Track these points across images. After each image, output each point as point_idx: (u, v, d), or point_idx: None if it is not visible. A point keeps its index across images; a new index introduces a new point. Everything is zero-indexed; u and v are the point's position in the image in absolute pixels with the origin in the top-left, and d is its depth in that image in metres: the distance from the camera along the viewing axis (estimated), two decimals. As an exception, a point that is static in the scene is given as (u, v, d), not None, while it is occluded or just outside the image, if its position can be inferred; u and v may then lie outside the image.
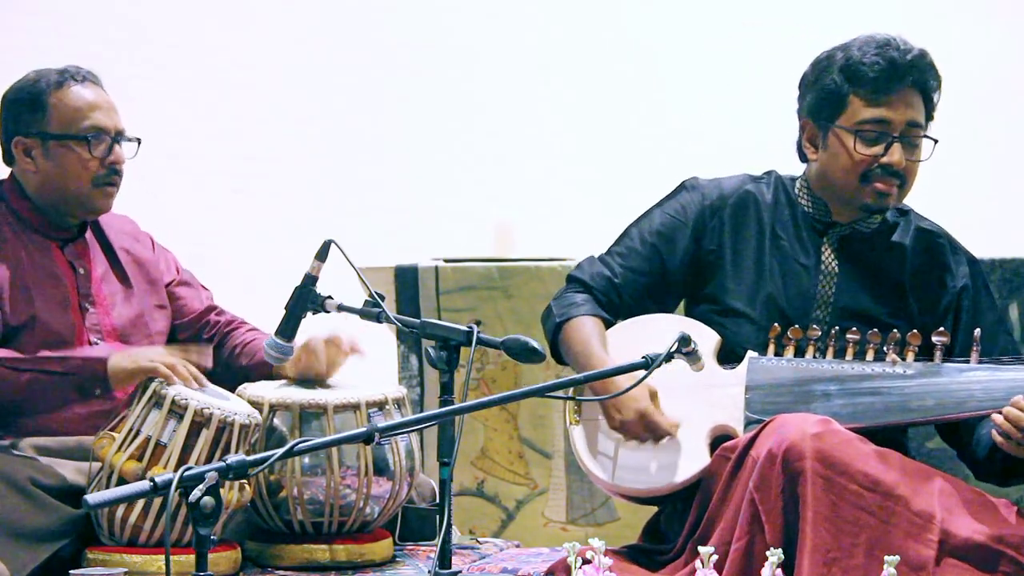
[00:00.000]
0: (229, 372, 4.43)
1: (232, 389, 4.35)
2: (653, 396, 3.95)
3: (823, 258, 4.12)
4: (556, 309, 4.14)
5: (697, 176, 4.21)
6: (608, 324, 4.12)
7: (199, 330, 4.49)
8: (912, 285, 4.12)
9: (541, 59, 6.89)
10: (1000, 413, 3.79)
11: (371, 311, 3.86)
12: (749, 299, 4.10)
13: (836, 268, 4.12)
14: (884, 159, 4.01)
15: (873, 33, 4.07)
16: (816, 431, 3.72)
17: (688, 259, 4.14)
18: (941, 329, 3.99)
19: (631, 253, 4.16)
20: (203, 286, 4.57)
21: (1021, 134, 6.58)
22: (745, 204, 4.15)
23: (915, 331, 3.98)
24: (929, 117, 4.08)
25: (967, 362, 3.93)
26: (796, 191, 4.16)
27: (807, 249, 4.13)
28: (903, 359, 3.95)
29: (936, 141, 4.06)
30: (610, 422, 3.99)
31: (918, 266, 4.13)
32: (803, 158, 4.17)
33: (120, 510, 4.02)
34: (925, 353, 3.97)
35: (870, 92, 4.02)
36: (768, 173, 4.21)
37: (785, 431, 3.73)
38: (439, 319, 4.63)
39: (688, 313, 4.19)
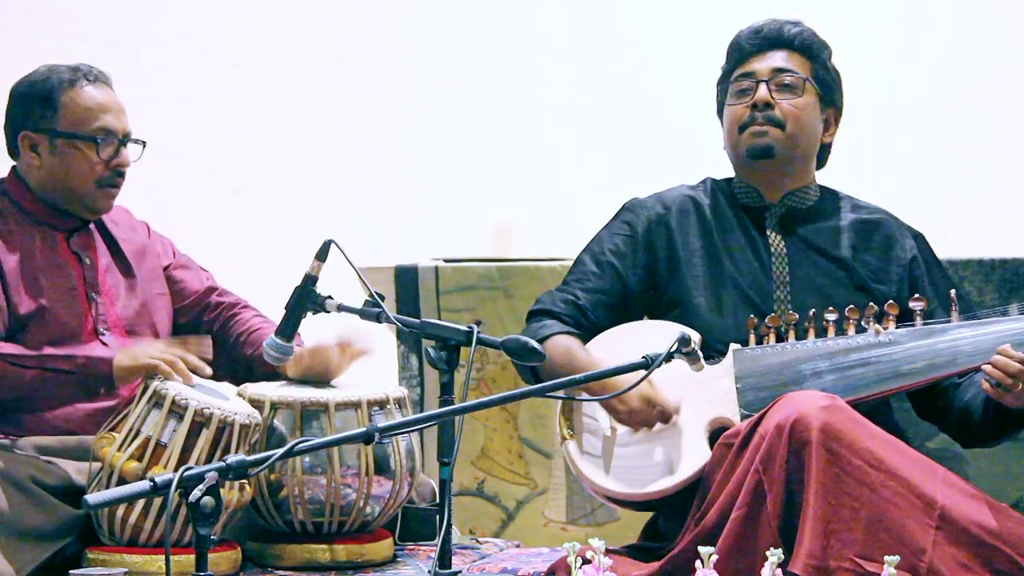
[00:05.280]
0: (233, 362, 4.42)
1: (237, 379, 4.35)
2: (650, 383, 3.96)
3: (770, 240, 4.21)
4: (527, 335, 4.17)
5: (636, 196, 4.33)
6: (582, 342, 4.14)
7: (200, 312, 4.49)
8: (855, 258, 4.20)
9: (541, 59, 6.88)
10: (989, 363, 3.84)
11: (371, 311, 3.86)
12: (713, 295, 4.17)
13: (784, 248, 4.21)
14: (751, 101, 4.18)
15: None
16: (825, 404, 3.75)
17: (645, 272, 4.23)
18: (917, 295, 4.05)
19: (588, 276, 4.24)
20: (202, 268, 4.57)
21: (1021, 134, 6.58)
22: (687, 210, 4.27)
23: (892, 301, 4.03)
24: (817, 76, 4.21)
25: (948, 322, 3.96)
26: (735, 186, 4.28)
27: (752, 236, 4.23)
28: (884, 330, 3.98)
29: (819, 86, 4.19)
30: (616, 416, 4.00)
31: (858, 240, 4.23)
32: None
33: (120, 510, 4.02)
34: (903, 321, 4.02)
35: (740, 58, 4.25)
36: (703, 181, 4.36)
37: (794, 405, 3.76)
38: (439, 319, 4.64)
39: None
